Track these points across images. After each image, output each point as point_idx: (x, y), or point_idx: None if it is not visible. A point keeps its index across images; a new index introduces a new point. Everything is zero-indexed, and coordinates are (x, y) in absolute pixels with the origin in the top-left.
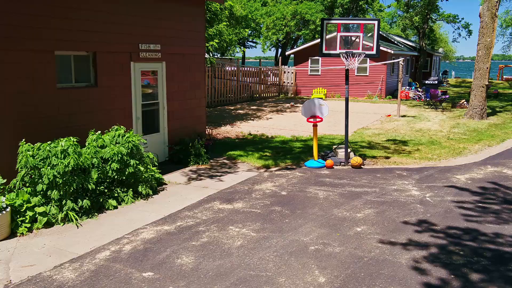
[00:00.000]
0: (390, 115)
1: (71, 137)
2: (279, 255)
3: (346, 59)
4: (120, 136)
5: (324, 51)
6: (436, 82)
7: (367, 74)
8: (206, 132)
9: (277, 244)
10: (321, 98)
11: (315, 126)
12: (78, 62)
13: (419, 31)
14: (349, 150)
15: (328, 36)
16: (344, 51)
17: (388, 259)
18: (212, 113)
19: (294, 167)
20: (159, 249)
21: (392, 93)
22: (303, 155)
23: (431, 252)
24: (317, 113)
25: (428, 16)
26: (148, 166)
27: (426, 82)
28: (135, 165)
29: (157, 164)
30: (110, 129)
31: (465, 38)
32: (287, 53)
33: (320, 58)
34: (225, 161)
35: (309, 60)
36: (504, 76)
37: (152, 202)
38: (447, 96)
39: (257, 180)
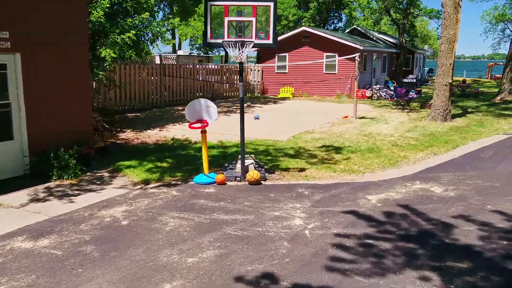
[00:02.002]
0: (347, 117)
1: None
2: None
3: (233, 50)
4: None
5: (209, 40)
6: (414, 80)
7: (336, 71)
8: (106, 138)
9: None
10: (288, 98)
11: (203, 132)
12: None
13: (398, 26)
14: (249, 162)
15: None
16: (233, 39)
17: None
18: (154, 113)
19: (180, 182)
20: None
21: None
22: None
23: None
24: (204, 116)
25: (408, 11)
26: None
27: (404, 80)
28: None
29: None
30: None
31: None
32: (252, 49)
33: (287, 54)
34: (104, 174)
35: (276, 56)
36: (495, 75)
37: None
38: (415, 96)
39: (114, 202)
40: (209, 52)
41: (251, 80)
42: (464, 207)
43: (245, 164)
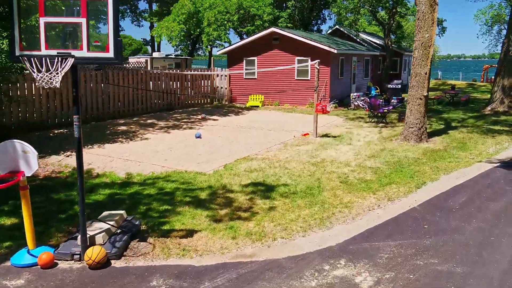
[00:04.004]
0: (308, 134)
1: None
2: None
3: (46, 68)
4: None
5: (19, 52)
6: (399, 86)
7: (309, 77)
8: None
9: None
10: (257, 106)
11: (23, 189)
12: None
13: (384, 27)
14: (102, 227)
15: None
16: (54, 52)
17: None
18: (85, 129)
19: None
20: None
21: (341, 100)
22: (67, 223)
23: None
24: (21, 166)
25: (394, 10)
26: None
27: (388, 86)
28: None
29: None
30: None
31: (439, 36)
32: (218, 52)
33: (255, 58)
34: None
35: (244, 61)
36: (491, 77)
37: None
38: (390, 107)
39: None
40: (194, 53)
41: (218, 87)
42: None
43: (93, 233)
